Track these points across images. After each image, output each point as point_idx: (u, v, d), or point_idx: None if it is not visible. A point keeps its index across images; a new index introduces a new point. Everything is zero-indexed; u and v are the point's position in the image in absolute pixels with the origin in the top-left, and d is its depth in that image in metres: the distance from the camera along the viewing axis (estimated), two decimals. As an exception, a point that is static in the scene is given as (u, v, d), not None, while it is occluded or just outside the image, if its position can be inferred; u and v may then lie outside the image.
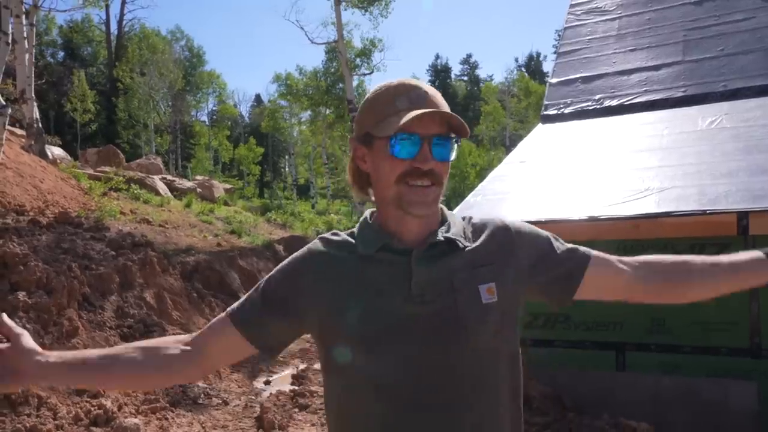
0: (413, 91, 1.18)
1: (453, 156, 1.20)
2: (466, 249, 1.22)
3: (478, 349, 1.18)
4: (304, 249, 1.31)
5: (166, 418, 5.11)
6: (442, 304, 1.17)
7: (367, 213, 1.32)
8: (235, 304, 1.29)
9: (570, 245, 1.33)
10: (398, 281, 1.18)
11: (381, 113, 1.18)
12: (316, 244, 1.30)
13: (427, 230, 1.22)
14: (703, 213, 3.87)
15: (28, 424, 4.22)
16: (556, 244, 1.31)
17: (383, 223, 1.25)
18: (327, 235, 1.32)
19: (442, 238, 1.21)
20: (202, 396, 5.81)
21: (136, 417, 4.90)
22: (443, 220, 1.27)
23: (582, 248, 1.33)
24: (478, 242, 1.25)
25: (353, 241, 1.26)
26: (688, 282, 1.32)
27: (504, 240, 1.27)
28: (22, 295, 5.11)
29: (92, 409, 4.74)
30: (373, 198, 1.29)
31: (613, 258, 1.34)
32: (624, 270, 1.31)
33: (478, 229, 1.28)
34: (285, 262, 1.31)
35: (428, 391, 1.16)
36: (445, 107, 1.18)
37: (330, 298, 1.20)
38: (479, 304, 1.18)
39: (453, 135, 1.19)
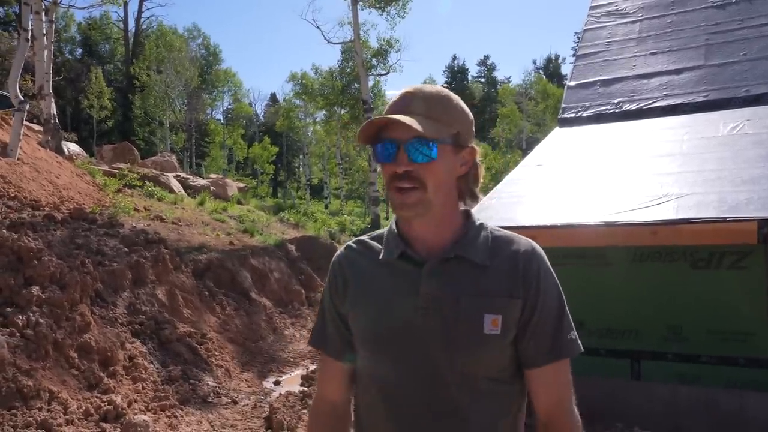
0: (399, 99, 1.23)
1: (433, 156, 1.18)
2: (482, 268, 1.22)
3: (470, 376, 1.20)
4: (334, 259, 1.38)
5: (176, 416, 5.11)
6: (444, 322, 1.19)
7: (395, 216, 1.37)
8: (319, 336, 1.40)
9: (564, 327, 1.24)
10: (408, 290, 1.21)
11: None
12: (342, 252, 1.38)
13: (443, 238, 1.25)
14: (723, 220, 3.78)
15: (39, 418, 4.23)
16: (563, 320, 1.25)
17: (399, 227, 1.30)
18: (352, 243, 1.39)
19: (453, 255, 1.22)
20: (212, 395, 5.81)
21: (145, 414, 4.90)
22: (465, 230, 1.27)
23: (566, 341, 1.24)
24: (498, 262, 1.23)
25: (379, 246, 1.32)
26: None
27: (528, 275, 1.22)
28: (35, 289, 5.14)
29: (102, 404, 4.75)
30: None
31: (557, 386, 1.25)
32: (544, 402, 1.24)
33: (501, 244, 1.26)
34: (328, 275, 1.39)
35: (422, 399, 1.21)
36: (422, 108, 1.19)
37: (353, 301, 1.29)
38: (479, 333, 1.18)
39: (435, 137, 1.18)
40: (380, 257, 1.27)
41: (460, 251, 1.22)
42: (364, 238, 1.37)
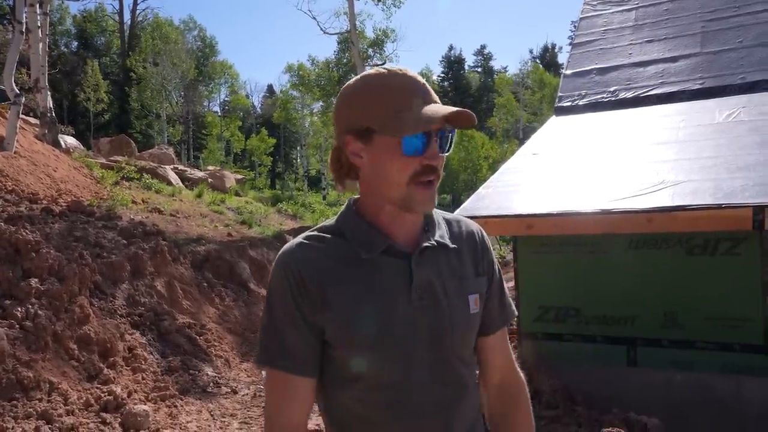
0: (415, 84, 1.13)
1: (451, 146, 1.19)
2: (453, 251, 1.25)
3: (463, 355, 1.24)
4: (287, 261, 1.18)
5: (176, 406, 5.14)
6: (438, 309, 1.19)
7: (351, 206, 1.26)
8: (279, 353, 1.17)
9: (507, 293, 1.38)
10: (401, 285, 1.17)
11: (385, 108, 1.11)
12: (296, 251, 1.18)
13: (417, 227, 1.22)
14: (718, 207, 3.81)
15: (39, 409, 4.26)
16: (505, 287, 1.38)
17: (375, 219, 1.20)
18: (304, 240, 1.21)
19: (434, 242, 1.21)
20: (212, 385, 5.84)
21: (145, 404, 4.93)
22: (427, 217, 1.26)
23: (511, 305, 1.38)
24: (461, 243, 1.27)
25: (338, 240, 1.19)
26: None
27: (484, 251, 1.31)
28: (34, 281, 5.15)
29: (102, 395, 4.78)
30: (353, 189, 1.25)
31: (508, 348, 1.39)
32: (498, 365, 1.36)
33: (454, 226, 1.30)
34: (282, 280, 1.17)
35: (431, 391, 1.19)
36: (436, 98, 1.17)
37: (342, 307, 1.14)
38: (468, 314, 1.23)
39: (452, 127, 1.15)
40: (361, 254, 1.16)
41: (436, 237, 1.22)
42: (315, 233, 1.22)
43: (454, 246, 1.24)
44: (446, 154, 1.16)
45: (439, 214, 1.30)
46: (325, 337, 1.17)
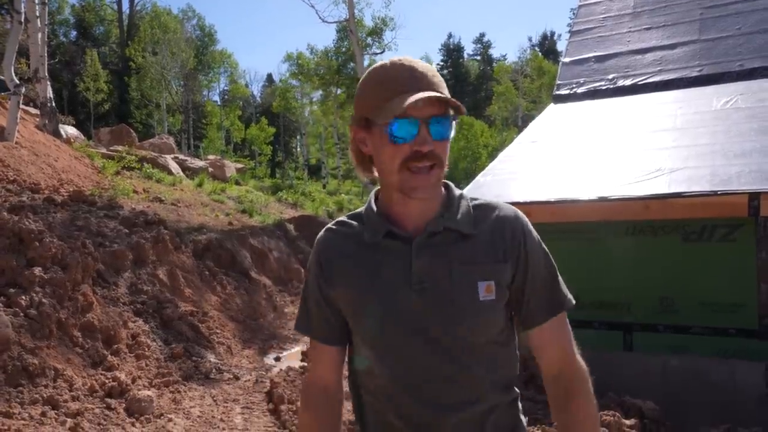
0: (408, 73, 1.15)
1: (452, 134, 1.18)
2: (469, 237, 1.22)
3: (474, 343, 1.20)
4: (316, 243, 1.35)
5: (179, 391, 5.22)
6: (440, 295, 1.18)
7: (372, 194, 1.33)
8: (304, 321, 1.36)
9: (558, 283, 1.29)
10: (400, 269, 1.20)
11: (377, 97, 1.16)
12: (323, 235, 1.35)
13: (429, 213, 1.22)
14: (714, 194, 3.85)
15: (45, 395, 4.32)
16: (555, 276, 1.29)
17: (387, 206, 1.26)
18: (332, 225, 1.35)
19: (442, 228, 1.21)
20: (214, 371, 5.91)
21: (149, 389, 5.00)
22: (448, 202, 1.26)
23: (562, 295, 1.29)
24: (484, 229, 1.23)
25: (355, 224, 1.30)
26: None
27: (514, 239, 1.24)
28: (38, 270, 5.20)
29: (107, 381, 4.85)
30: (377, 175, 1.28)
31: (561, 339, 1.28)
32: (551, 356, 1.27)
33: (483, 212, 1.26)
34: (311, 260, 1.36)
35: (428, 379, 1.19)
36: (440, 86, 1.15)
37: (348, 286, 1.25)
38: (476, 302, 1.18)
39: (451, 113, 1.17)
40: (365, 238, 1.24)
41: (447, 223, 1.21)
42: (344, 218, 1.33)
43: (469, 231, 1.22)
44: (444, 140, 1.16)
45: (468, 199, 1.29)
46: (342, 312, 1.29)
